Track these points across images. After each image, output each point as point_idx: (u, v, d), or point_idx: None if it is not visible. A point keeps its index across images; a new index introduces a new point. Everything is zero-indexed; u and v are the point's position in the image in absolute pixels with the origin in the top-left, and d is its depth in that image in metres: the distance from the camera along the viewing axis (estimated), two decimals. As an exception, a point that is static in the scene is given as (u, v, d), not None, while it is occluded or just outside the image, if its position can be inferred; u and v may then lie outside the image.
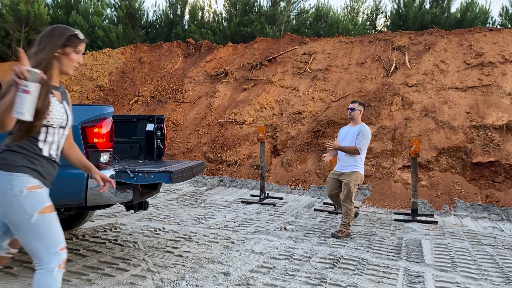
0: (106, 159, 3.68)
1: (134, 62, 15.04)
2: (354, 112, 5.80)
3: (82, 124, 3.57)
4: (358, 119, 5.82)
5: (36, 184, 2.14)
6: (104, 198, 3.65)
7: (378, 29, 18.24)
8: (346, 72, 11.96)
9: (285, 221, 6.65)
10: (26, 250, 2.16)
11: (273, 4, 17.29)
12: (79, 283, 3.61)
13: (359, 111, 5.81)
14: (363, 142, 5.59)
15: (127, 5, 18.40)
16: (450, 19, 15.57)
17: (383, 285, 3.95)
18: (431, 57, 11.44)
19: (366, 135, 5.63)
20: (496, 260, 4.94)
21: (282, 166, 10.15)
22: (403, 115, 10.15)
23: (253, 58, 13.77)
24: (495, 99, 9.79)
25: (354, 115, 5.81)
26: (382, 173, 9.26)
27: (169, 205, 7.57)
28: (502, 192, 8.36)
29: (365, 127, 5.71)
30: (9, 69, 15.57)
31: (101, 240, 5.05)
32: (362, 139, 5.60)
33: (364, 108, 5.93)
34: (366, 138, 5.62)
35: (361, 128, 5.69)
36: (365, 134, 5.63)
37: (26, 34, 17.32)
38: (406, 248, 5.28)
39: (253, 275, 4.02)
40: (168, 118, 12.40)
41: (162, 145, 5.17)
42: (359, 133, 5.64)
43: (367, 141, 5.65)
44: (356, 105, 5.82)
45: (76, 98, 14.21)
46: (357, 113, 5.80)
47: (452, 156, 9.07)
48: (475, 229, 6.64)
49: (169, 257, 4.48)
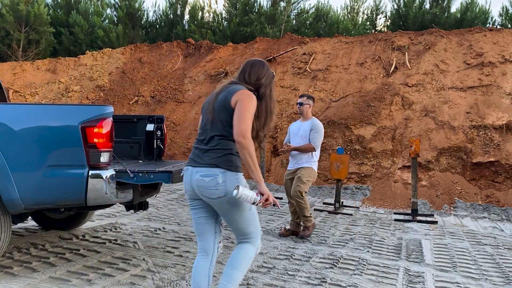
0: (106, 159, 3.68)
1: (134, 62, 15.04)
2: (303, 107, 5.52)
3: (82, 124, 3.57)
4: (308, 113, 5.55)
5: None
6: (104, 198, 3.65)
7: (378, 29, 18.25)
8: (346, 72, 11.96)
9: (285, 221, 6.65)
10: (236, 231, 2.80)
11: (273, 4, 17.29)
12: (79, 283, 3.61)
13: (309, 105, 5.53)
14: (317, 138, 5.36)
15: (127, 5, 18.40)
16: (450, 19, 15.57)
17: (383, 285, 3.95)
18: (431, 57, 11.44)
19: (319, 130, 5.39)
20: (496, 260, 4.94)
21: (282, 166, 10.15)
22: (403, 115, 10.15)
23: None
24: (495, 99, 9.79)
25: (304, 109, 5.53)
26: (382, 173, 9.27)
27: (169, 205, 7.57)
28: (502, 192, 8.36)
29: (317, 122, 5.47)
30: (9, 69, 15.58)
31: (101, 240, 5.05)
32: (315, 135, 5.35)
33: (313, 101, 5.65)
34: (320, 134, 5.39)
35: (313, 124, 5.43)
36: (318, 129, 5.38)
37: (26, 34, 17.32)
38: (406, 248, 5.28)
39: (253, 275, 4.02)
40: (168, 118, 12.40)
41: (162, 145, 5.16)
42: (311, 129, 5.38)
43: (321, 137, 5.42)
44: (305, 99, 5.55)
45: (76, 98, 14.21)
46: (307, 107, 5.52)
47: (452, 156, 9.08)
48: (475, 229, 6.64)
49: (169, 257, 4.48)
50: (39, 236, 5.10)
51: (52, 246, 4.66)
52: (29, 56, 17.39)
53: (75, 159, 3.58)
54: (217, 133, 2.65)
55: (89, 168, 3.59)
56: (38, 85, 15.04)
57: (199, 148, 2.73)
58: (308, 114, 5.54)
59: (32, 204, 3.63)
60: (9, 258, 4.19)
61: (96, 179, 3.59)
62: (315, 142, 5.34)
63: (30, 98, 14.51)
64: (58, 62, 15.82)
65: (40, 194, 3.58)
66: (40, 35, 17.61)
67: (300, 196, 5.28)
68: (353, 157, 9.44)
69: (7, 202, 3.55)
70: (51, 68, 15.68)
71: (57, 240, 4.96)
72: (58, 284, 3.57)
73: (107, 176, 3.62)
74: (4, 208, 3.59)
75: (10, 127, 3.56)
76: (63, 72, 15.41)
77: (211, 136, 2.68)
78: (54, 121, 3.63)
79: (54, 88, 14.82)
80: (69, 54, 17.70)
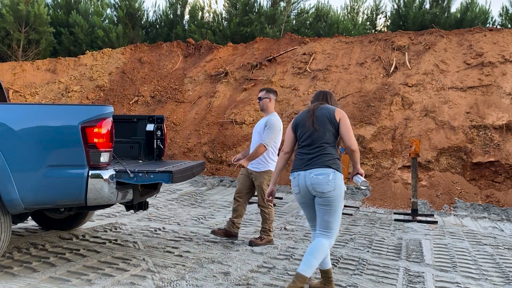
0: (106, 159, 3.68)
1: (134, 62, 15.04)
2: (263, 102, 5.11)
3: (82, 124, 3.57)
4: (268, 108, 5.11)
5: None
6: (104, 198, 3.65)
7: (378, 29, 18.24)
8: (346, 72, 11.96)
9: (285, 221, 6.65)
10: (322, 224, 3.44)
11: (273, 4, 17.29)
12: (79, 283, 3.61)
13: (268, 99, 5.10)
14: (269, 135, 4.90)
15: (127, 5, 18.39)
16: (450, 19, 15.57)
17: (383, 285, 3.95)
18: (431, 57, 11.44)
19: (272, 126, 4.94)
20: (496, 260, 4.94)
21: (282, 166, 10.15)
22: (403, 115, 10.15)
23: (253, 58, 13.77)
24: (495, 99, 9.79)
25: (263, 104, 5.11)
26: (382, 173, 9.27)
27: (169, 205, 7.57)
28: (502, 192, 8.36)
29: (273, 118, 5.02)
30: (9, 69, 15.58)
31: (101, 240, 5.05)
32: (267, 132, 4.92)
33: (275, 95, 5.20)
34: (272, 130, 4.92)
35: (268, 119, 5.00)
36: (271, 125, 4.94)
37: (26, 34, 17.32)
38: (406, 248, 5.28)
39: (253, 275, 4.02)
40: (168, 118, 12.40)
41: (162, 145, 5.16)
42: (265, 125, 4.98)
43: (274, 133, 4.95)
44: (264, 93, 5.14)
45: (76, 98, 14.21)
46: (266, 101, 5.09)
47: (452, 156, 9.08)
48: (475, 229, 6.64)
49: (169, 257, 4.48)
50: (39, 236, 5.10)
51: (52, 246, 4.66)
52: (29, 56, 17.39)
53: (75, 159, 3.58)
54: (326, 141, 3.46)
55: (89, 168, 3.59)
56: (38, 85, 15.04)
57: (307, 154, 3.48)
58: (268, 108, 5.11)
59: (32, 204, 3.63)
60: (9, 258, 4.19)
61: (96, 179, 3.59)
62: (266, 139, 4.89)
63: (30, 98, 14.52)
64: (58, 62, 15.82)
65: (40, 194, 3.58)
66: (40, 35, 17.61)
67: (267, 206, 5.01)
68: (353, 157, 9.43)
69: (7, 202, 3.55)
70: (51, 68, 15.68)
71: (57, 240, 4.96)
72: (58, 284, 3.57)
73: (107, 176, 3.62)
74: (4, 208, 3.59)
75: (10, 127, 3.56)
76: (63, 72, 15.41)
77: (321, 143, 3.46)
78: (54, 121, 3.63)
79: (54, 88, 14.82)
80: (69, 54, 17.70)
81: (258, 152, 4.90)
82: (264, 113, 5.16)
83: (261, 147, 4.89)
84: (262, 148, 4.89)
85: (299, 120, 3.63)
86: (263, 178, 4.99)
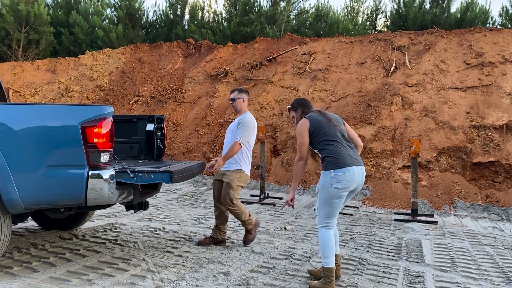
0: (106, 159, 3.68)
1: (134, 62, 15.04)
2: (236, 102, 4.96)
3: (82, 124, 3.57)
4: (242, 108, 4.97)
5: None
6: (104, 198, 3.65)
7: (378, 29, 18.24)
8: (346, 72, 11.96)
9: (285, 221, 6.65)
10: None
11: (273, 4, 17.29)
12: (79, 283, 3.62)
13: (242, 99, 4.96)
14: (243, 133, 4.74)
15: (127, 5, 18.39)
16: (450, 19, 15.57)
17: (383, 285, 3.95)
18: (431, 57, 11.44)
19: (246, 124, 4.80)
20: (496, 260, 4.94)
21: (282, 166, 10.15)
22: (403, 115, 10.15)
23: (253, 58, 13.77)
24: (495, 99, 9.79)
25: (237, 105, 4.97)
26: (382, 173, 9.27)
27: (169, 205, 7.57)
28: (502, 192, 8.36)
29: (246, 116, 4.89)
30: (9, 69, 15.57)
31: (101, 240, 5.05)
32: (241, 130, 4.77)
33: (247, 94, 5.05)
34: (246, 127, 4.78)
35: (241, 118, 4.87)
36: (245, 123, 4.80)
37: (26, 34, 17.31)
38: (406, 248, 5.28)
39: (253, 275, 4.02)
40: (168, 118, 12.40)
41: (162, 145, 5.17)
42: (239, 123, 4.84)
43: (249, 131, 4.80)
44: (236, 93, 4.98)
45: (76, 98, 14.21)
46: (240, 101, 4.96)
47: (452, 156, 9.08)
48: (475, 229, 6.64)
49: (169, 257, 4.48)
50: (39, 236, 5.10)
51: (52, 246, 4.66)
52: (29, 56, 17.38)
53: (75, 159, 3.58)
54: (348, 139, 3.83)
55: (89, 168, 3.59)
56: (38, 85, 15.04)
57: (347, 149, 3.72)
58: (242, 109, 4.96)
59: (32, 204, 3.64)
60: (9, 258, 4.19)
61: (96, 179, 3.59)
62: (240, 136, 4.72)
63: (30, 98, 14.51)
64: (58, 62, 15.82)
65: (40, 194, 3.59)
66: (40, 35, 17.60)
67: (231, 204, 4.77)
68: (353, 157, 9.43)
69: (7, 202, 3.55)
70: (51, 68, 15.68)
71: (57, 240, 4.96)
72: (58, 284, 3.58)
73: (107, 176, 3.62)
74: (4, 208, 3.60)
75: (10, 127, 3.56)
76: (63, 72, 15.41)
77: (348, 141, 3.80)
78: (54, 121, 3.63)
79: (54, 88, 14.82)
80: (69, 54, 17.69)
81: (233, 150, 4.70)
82: (238, 113, 5.00)
83: (236, 145, 4.69)
84: (237, 146, 4.70)
85: (316, 122, 3.76)
86: (234, 177, 4.78)
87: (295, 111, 3.96)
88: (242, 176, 4.84)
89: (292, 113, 4.01)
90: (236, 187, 4.77)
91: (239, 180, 4.81)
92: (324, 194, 3.69)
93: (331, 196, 3.66)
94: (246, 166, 4.88)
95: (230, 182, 4.76)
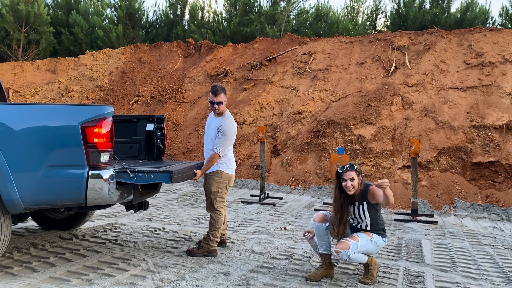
0: (106, 159, 3.68)
1: (134, 62, 15.04)
2: (221, 106, 4.67)
3: (82, 124, 3.57)
4: (224, 110, 4.74)
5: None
6: (104, 198, 3.65)
7: (378, 29, 18.24)
8: (346, 72, 11.96)
9: (285, 221, 6.65)
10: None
11: (273, 4, 17.29)
12: (79, 283, 3.62)
13: (225, 101, 4.74)
14: (222, 143, 4.54)
15: (127, 5, 18.39)
16: (450, 19, 15.57)
17: (383, 285, 3.95)
18: (431, 57, 11.44)
19: (226, 132, 4.56)
20: (496, 260, 4.94)
21: (282, 166, 10.15)
22: (403, 115, 10.15)
23: (253, 58, 13.77)
24: (495, 99, 9.79)
25: (220, 109, 4.69)
26: (382, 173, 9.26)
27: (169, 205, 7.57)
28: (502, 192, 8.36)
29: (226, 122, 4.62)
30: (9, 69, 15.58)
31: (101, 240, 5.05)
32: (220, 139, 4.55)
33: (225, 94, 4.72)
34: (226, 137, 4.56)
35: (221, 123, 4.60)
36: (224, 131, 4.56)
37: (26, 34, 17.31)
38: (406, 248, 5.28)
39: (253, 275, 4.02)
40: (168, 118, 12.40)
41: (162, 145, 5.16)
42: (218, 129, 4.59)
43: (228, 140, 4.60)
44: (223, 96, 4.67)
45: (76, 98, 14.21)
46: (224, 105, 4.71)
47: (452, 156, 9.08)
48: (475, 229, 6.64)
49: (169, 257, 4.48)
50: (39, 236, 5.10)
51: (52, 246, 4.66)
52: (29, 56, 17.39)
53: (75, 159, 3.58)
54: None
55: (89, 168, 3.59)
56: (38, 85, 15.04)
57: None
58: (224, 111, 4.73)
59: (32, 204, 3.64)
60: (9, 258, 4.19)
61: (96, 179, 3.59)
62: (218, 148, 4.53)
63: (30, 98, 14.51)
64: (58, 62, 15.82)
65: (40, 194, 3.59)
66: (40, 35, 17.60)
67: (213, 210, 4.65)
68: (353, 157, 9.44)
69: (7, 202, 3.55)
70: (51, 68, 15.68)
71: (57, 240, 4.96)
72: (58, 284, 3.58)
73: (107, 176, 3.62)
74: (4, 208, 3.60)
75: (10, 127, 3.56)
76: (63, 72, 15.41)
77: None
78: (54, 121, 3.63)
79: (54, 88, 14.82)
80: (69, 54, 17.70)
81: (212, 162, 4.56)
82: (216, 114, 4.74)
83: (215, 157, 4.53)
84: (216, 158, 4.54)
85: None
86: (213, 180, 4.65)
87: (358, 176, 4.09)
88: (221, 177, 4.67)
89: (352, 175, 4.03)
90: (215, 191, 4.64)
91: (218, 182, 4.65)
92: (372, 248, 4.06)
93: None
94: (224, 165, 4.69)
95: (209, 187, 4.67)
